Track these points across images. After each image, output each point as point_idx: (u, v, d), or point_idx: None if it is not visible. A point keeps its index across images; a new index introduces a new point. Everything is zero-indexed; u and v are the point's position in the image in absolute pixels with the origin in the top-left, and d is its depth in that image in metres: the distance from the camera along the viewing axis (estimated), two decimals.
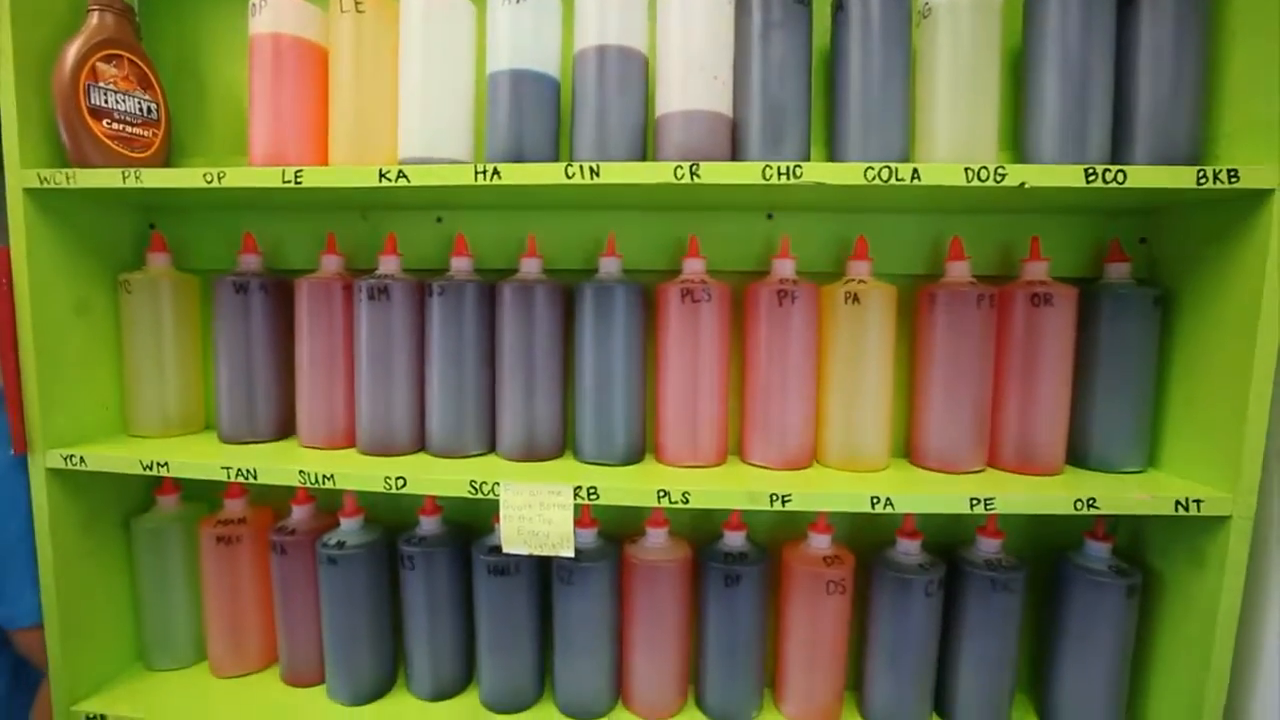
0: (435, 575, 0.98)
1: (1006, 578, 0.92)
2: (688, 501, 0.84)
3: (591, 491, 0.85)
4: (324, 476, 0.89)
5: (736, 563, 0.94)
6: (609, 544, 0.99)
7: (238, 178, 0.86)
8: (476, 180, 0.82)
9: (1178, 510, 0.83)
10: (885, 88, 0.85)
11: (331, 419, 0.99)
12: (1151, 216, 0.97)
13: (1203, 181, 0.77)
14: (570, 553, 0.86)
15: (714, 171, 0.80)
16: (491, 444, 0.97)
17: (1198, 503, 0.82)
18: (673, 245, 1.01)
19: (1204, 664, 0.86)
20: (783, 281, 0.92)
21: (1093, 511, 0.83)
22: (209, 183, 0.87)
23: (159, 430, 1.04)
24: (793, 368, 0.91)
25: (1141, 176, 0.78)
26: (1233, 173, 0.77)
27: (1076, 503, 0.83)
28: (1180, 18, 0.82)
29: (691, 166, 0.80)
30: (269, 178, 0.86)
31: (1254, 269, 0.80)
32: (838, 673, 0.98)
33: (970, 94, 0.85)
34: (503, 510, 0.86)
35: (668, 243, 1.01)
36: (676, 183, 0.80)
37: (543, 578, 1.00)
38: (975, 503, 0.83)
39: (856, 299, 0.90)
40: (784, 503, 0.84)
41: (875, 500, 0.83)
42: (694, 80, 0.84)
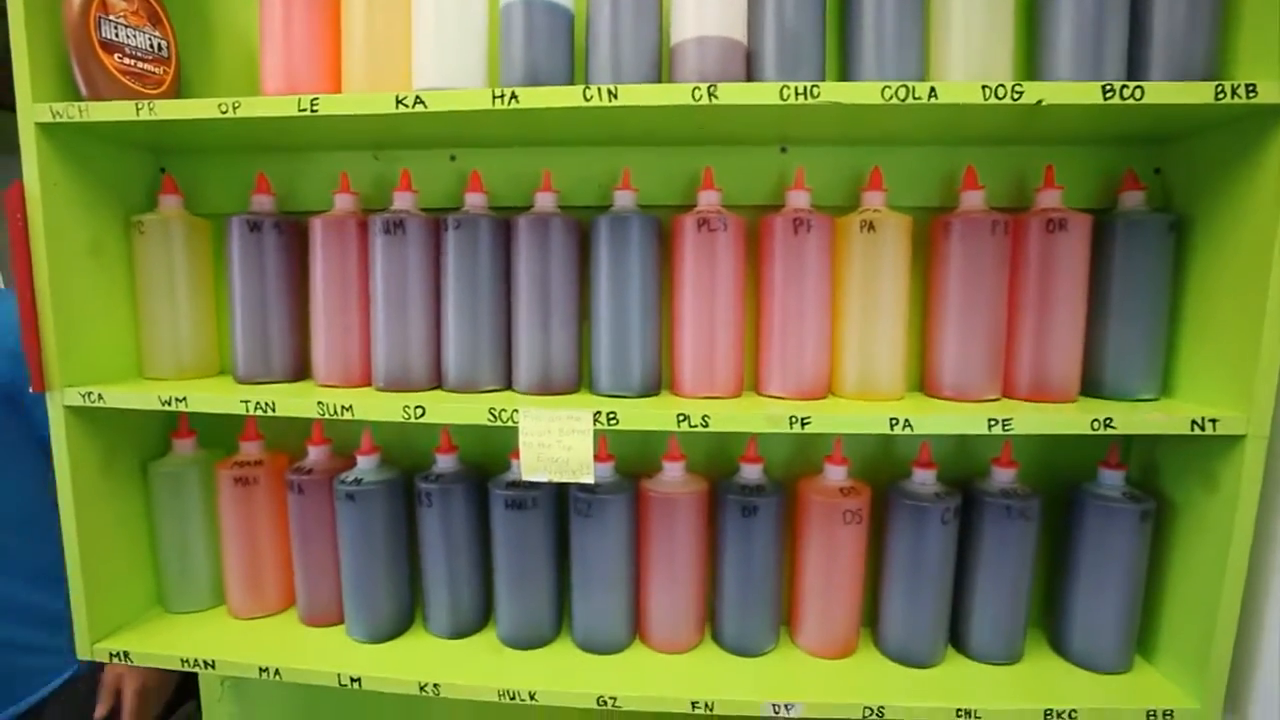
0: (452, 512, 0.99)
1: (1022, 505, 0.93)
2: (707, 425, 0.85)
3: (611, 416, 0.86)
4: (342, 407, 0.90)
5: (754, 494, 0.95)
6: (626, 479, 0.99)
7: (253, 107, 0.86)
8: (494, 105, 0.82)
9: (1193, 430, 0.83)
10: (900, 11, 0.85)
11: (347, 358, 0.99)
12: (1165, 146, 0.97)
13: (1220, 97, 0.77)
14: (590, 479, 0.86)
15: (731, 92, 0.80)
16: (508, 380, 0.98)
17: (1213, 422, 0.83)
18: (687, 181, 1.01)
19: (1216, 587, 0.87)
20: (798, 211, 0.92)
21: (1109, 431, 0.84)
22: (224, 113, 0.86)
23: (174, 374, 1.04)
24: (809, 297, 0.91)
25: (1159, 93, 0.78)
26: (1250, 87, 0.77)
27: (1093, 422, 0.84)
28: None
29: (709, 88, 0.80)
30: (284, 106, 0.85)
31: (1270, 187, 0.80)
32: (854, 605, 0.99)
33: (985, 17, 0.85)
34: (522, 438, 0.86)
35: (682, 179, 1.01)
36: (694, 104, 0.80)
37: (560, 513, 1.01)
38: (993, 423, 0.84)
39: (872, 227, 0.90)
40: (803, 425, 0.84)
41: (894, 421, 0.84)
42: (709, 6, 0.84)
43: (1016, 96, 0.79)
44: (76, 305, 0.96)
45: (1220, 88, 0.77)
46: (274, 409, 0.91)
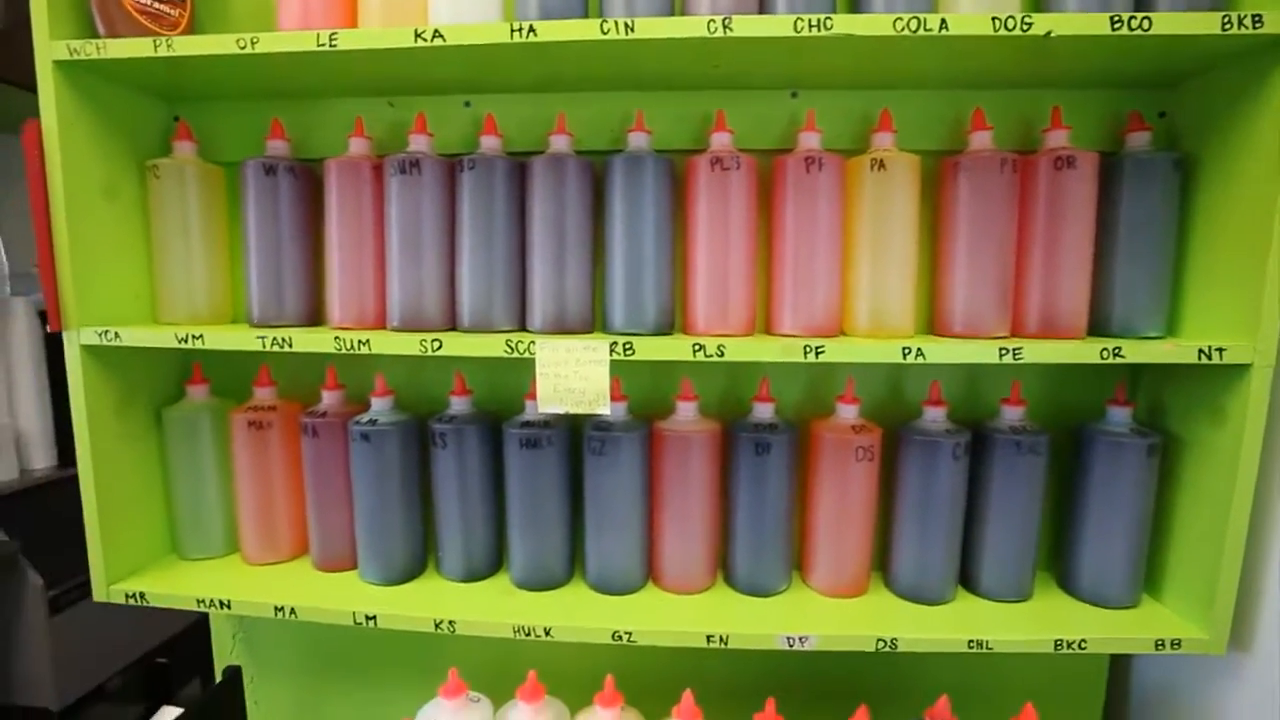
0: (466, 453, 1.00)
1: (1032, 440, 0.94)
2: (722, 354, 0.86)
3: (627, 347, 0.87)
4: (359, 342, 0.90)
5: (767, 431, 0.96)
6: (639, 420, 1.00)
7: (271, 43, 0.87)
8: (512, 38, 0.83)
9: (1200, 359, 0.85)
10: None
11: (362, 300, 0.99)
12: (1171, 90, 0.99)
13: (1227, 27, 0.79)
14: (606, 410, 0.87)
15: (746, 24, 0.81)
16: (522, 321, 0.98)
17: (1220, 350, 0.84)
18: (699, 125, 1.02)
19: (1223, 519, 0.88)
20: (810, 151, 0.93)
21: (1118, 361, 0.85)
22: (241, 49, 0.87)
23: (188, 320, 1.04)
24: (820, 236, 0.92)
25: (1166, 24, 0.79)
26: (1257, 18, 0.78)
27: (1103, 351, 0.85)
28: None
29: (724, 20, 0.81)
30: (303, 41, 0.86)
31: (1276, 120, 0.81)
32: (866, 544, 1.00)
33: None
34: (539, 368, 0.87)
35: (694, 123, 1.02)
36: (709, 36, 0.81)
37: (574, 455, 1.01)
38: (1004, 352, 0.85)
39: (883, 165, 0.91)
40: (817, 354, 0.85)
41: (907, 351, 0.85)
42: None
43: (1026, 27, 0.80)
44: (92, 247, 0.97)
45: (1227, 18, 0.79)
46: (290, 344, 0.92)
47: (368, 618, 0.96)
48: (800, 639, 0.91)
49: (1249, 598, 0.91)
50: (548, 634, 0.93)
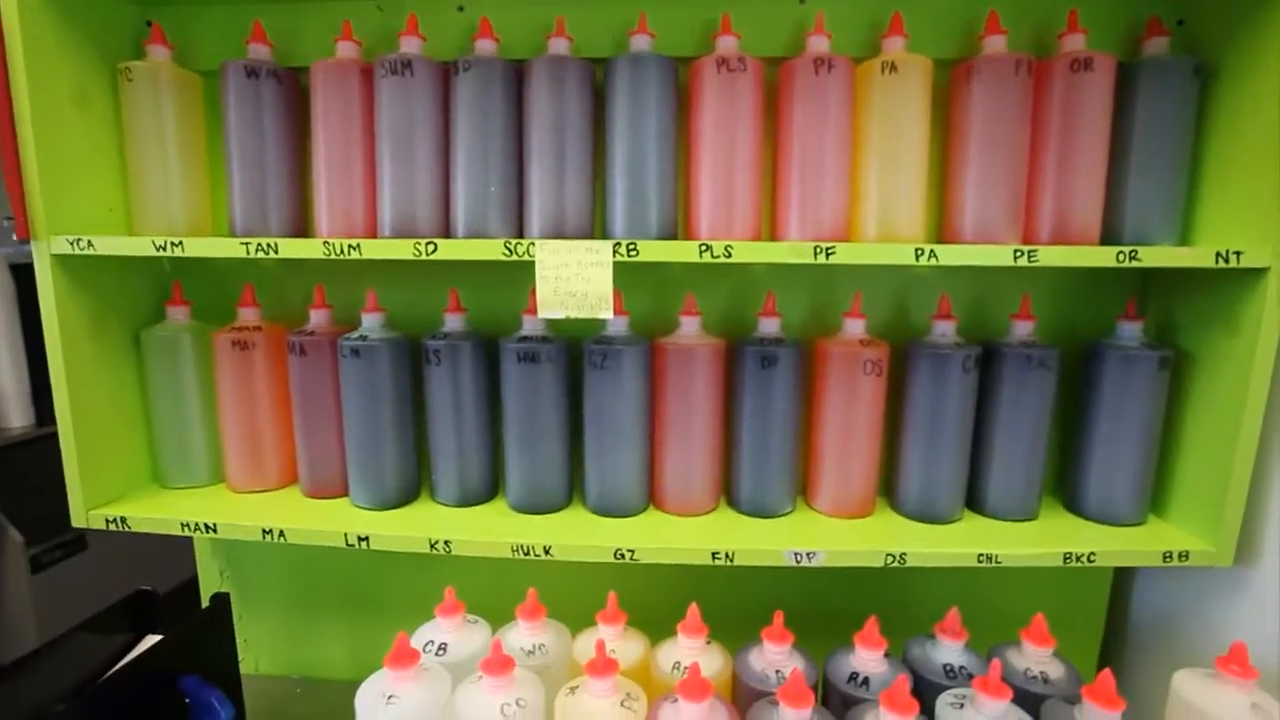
0: (461, 371, 0.96)
1: (1042, 354, 0.92)
2: (729, 256, 0.83)
3: (631, 248, 0.83)
4: (349, 247, 0.86)
5: (773, 345, 0.93)
6: (641, 336, 0.97)
7: None
8: None
9: (1217, 262, 0.83)
10: None
11: (350, 209, 0.95)
12: None
13: None
14: (609, 314, 0.84)
15: None
16: (519, 230, 0.95)
17: (1237, 254, 0.83)
18: (703, 31, 0.98)
19: (1234, 430, 0.87)
20: (819, 54, 0.89)
21: (1134, 264, 0.83)
22: None
23: (165, 233, 0.99)
24: (829, 141, 0.89)
25: None
26: None
27: (1119, 254, 0.83)
28: None
29: None
30: None
31: None
32: (872, 463, 0.98)
33: None
34: (539, 271, 0.83)
35: (698, 29, 0.98)
36: None
37: (573, 372, 0.98)
38: (1019, 254, 0.83)
39: (894, 68, 0.88)
40: (828, 255, 0.82)
41: (920, 252, 0.82)
42: None
43: None
44: (63, 155, 0.91)
45: None
46: (276, 250, 0.88)
47: (360, 539, 0.93)
48: (808, 554, 0.89)
49: (1254, 511, 0.90)
50: (547, 553, 0.91)
